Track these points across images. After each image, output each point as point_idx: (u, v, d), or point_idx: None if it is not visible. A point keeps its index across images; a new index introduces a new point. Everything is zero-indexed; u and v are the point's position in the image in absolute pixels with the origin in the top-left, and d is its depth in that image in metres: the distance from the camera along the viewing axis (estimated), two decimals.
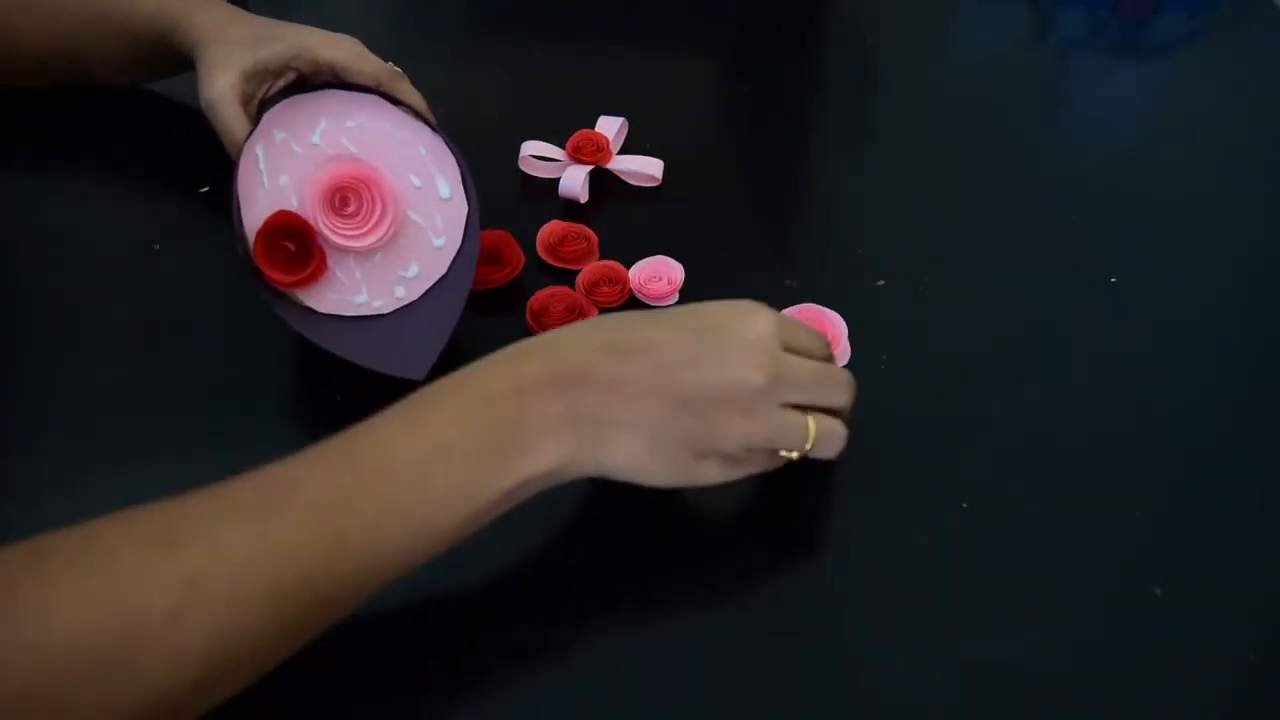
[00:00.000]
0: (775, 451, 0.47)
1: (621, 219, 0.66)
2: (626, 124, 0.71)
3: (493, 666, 0.47)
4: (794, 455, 0.47)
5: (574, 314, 0.59)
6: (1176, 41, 0.84)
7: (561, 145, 0.69)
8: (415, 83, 0.60)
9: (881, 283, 0.63)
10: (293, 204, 0.55)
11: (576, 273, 0.62)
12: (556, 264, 0.63)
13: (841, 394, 0.48)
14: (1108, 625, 0.49)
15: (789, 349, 0.47)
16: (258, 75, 0.60)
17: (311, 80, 0.61)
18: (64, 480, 0.51)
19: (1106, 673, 0.47)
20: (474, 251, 0.57)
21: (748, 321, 0.46)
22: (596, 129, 0.70)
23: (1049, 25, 0.85)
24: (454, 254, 0.57)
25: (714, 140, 0.74)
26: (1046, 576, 0.50)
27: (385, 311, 0.56)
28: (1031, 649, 0.48)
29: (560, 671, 0.47)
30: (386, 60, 0.60)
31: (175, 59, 0.63)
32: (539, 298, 0.60)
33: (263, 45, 0.60)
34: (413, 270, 0.56)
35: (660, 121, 0.72)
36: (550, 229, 0.64)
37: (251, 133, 0.55)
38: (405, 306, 0.56)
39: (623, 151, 0.70)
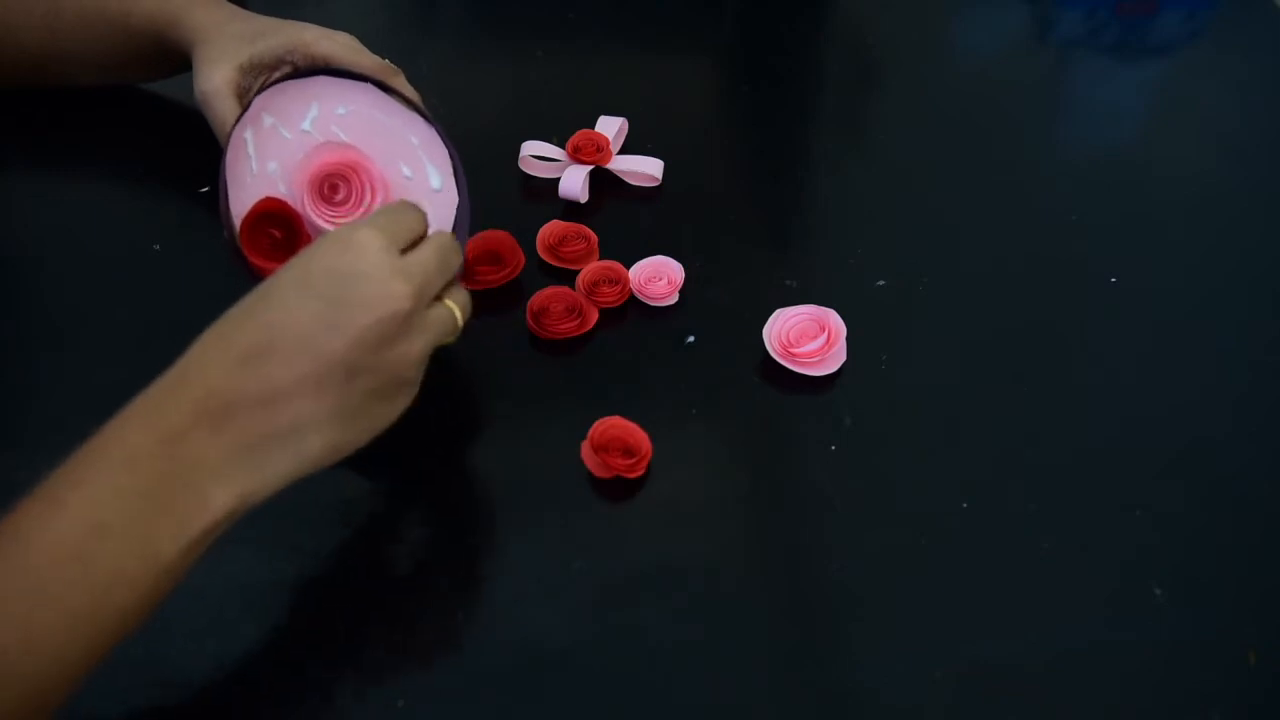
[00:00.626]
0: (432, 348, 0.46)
1: (621, 219, 0.66)
2: (626, 124, 0.71)
3: (488, 669, 0.47)
4: (451, 340, 0.47)
5: (574, 314, 0.59)
6: (1176, 41, 0.84)
7: (561, 145, 0.69)
8: (415, 83, 0.60)
9: (881, 283, 0.63)
10: (281, 190, 0.54)
11: (576, 273, 0.62)
12: (556, 264, 0.63)
13: (456, 257, 0.48)
14: (1108, 625, 0.49)
15: (404, 247, 0.46)
16: (253, 69, 0.60)
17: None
18: None
19: (1106, 673, 0.47)
20: (463, 243, 0.56)
21: (356, 251, 0.44)
22: (596, 129, 0.70)
23: (1049, 25, 0.85)
24: None
25: (714, 140, 0.74)
26: (1046, 576, 0.50)
27: None
28: (1031, 649, 0.48)
29: (559, 671, 0.47)
30: (384, 59, 0.60)
31: (173, 57, 0.63)
32: (539, 298, 0.60)
33: (259, 40, 0.60)
34: None
35: (660, 121, 0.72)
36: (550, 229, 0.64)
37: (241, 116, 0.54)
38: None
39: (623, 151, 0.70)
